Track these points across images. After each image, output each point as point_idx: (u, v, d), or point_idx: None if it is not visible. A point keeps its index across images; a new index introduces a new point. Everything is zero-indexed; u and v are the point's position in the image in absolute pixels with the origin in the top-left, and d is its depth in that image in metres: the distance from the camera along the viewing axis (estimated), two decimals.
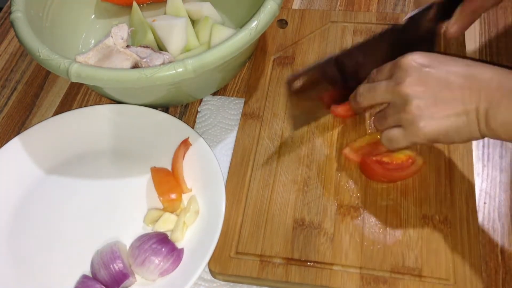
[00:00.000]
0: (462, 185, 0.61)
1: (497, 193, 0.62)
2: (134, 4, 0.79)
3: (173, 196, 0.62)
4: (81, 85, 0.78)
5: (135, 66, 0.68)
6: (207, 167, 0.64)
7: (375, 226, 0.59)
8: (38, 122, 0.70)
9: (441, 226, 0.58)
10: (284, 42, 0.77)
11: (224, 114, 0.72)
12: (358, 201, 0.61)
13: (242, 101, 0.72)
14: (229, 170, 0.65)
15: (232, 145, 0.68)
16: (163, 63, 0.68)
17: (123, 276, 0.57)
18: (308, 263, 0.57)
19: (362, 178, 0.63)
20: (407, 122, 0.53)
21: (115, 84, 0.59)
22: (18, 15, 0.65)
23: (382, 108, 0.58)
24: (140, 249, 0.58)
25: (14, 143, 0.68)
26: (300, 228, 0.60)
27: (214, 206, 0.61)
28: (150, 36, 0.75)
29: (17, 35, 0.64)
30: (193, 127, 0.71)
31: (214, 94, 0.74)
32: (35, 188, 0.66)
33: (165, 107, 0.73)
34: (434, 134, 0.52)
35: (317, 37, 0.77)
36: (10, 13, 0.66)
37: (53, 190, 0.66)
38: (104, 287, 0.56)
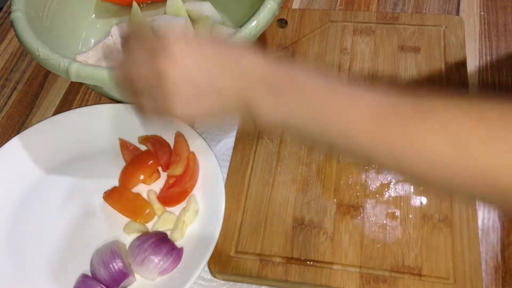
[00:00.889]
0: None
1: None
2: (134, 4, 0.78)
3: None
4: (81, 84, 0.78)
5: None
6: (207, 167, 0.64)
7: (375, 225, 0.59)
8: (38, 122, 0.70)
9: (441, 225, 0.58)
10: (284, 42, 0.77)
11: None
12: (357, 200, 0.61)
13: None
14: (228, 170, 0.65)
15: (232, 145, 0.68)
16: None
17: (123, 275, 0.57)
18: (307, 262, 0.57)
19: (361, 177, 0.63)
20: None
21: None
22: (18, 15, 0.65)
23: None
24: (139, 248, 0.58)
25: (14, 143, 0.68)
26: (299, 227, 0.60)
27: (213, 205, 0.61)
28: None
29: (17, 35, 0.64)
30: (193, 127, 0.71)
31: None
32: (35, 187, 0.66)
33: None
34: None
35: (317, 36, 0.77)
36: (10, 12, 0.66)
37: (53, 189, 0.66)
38: (103, 287, 0.56)
